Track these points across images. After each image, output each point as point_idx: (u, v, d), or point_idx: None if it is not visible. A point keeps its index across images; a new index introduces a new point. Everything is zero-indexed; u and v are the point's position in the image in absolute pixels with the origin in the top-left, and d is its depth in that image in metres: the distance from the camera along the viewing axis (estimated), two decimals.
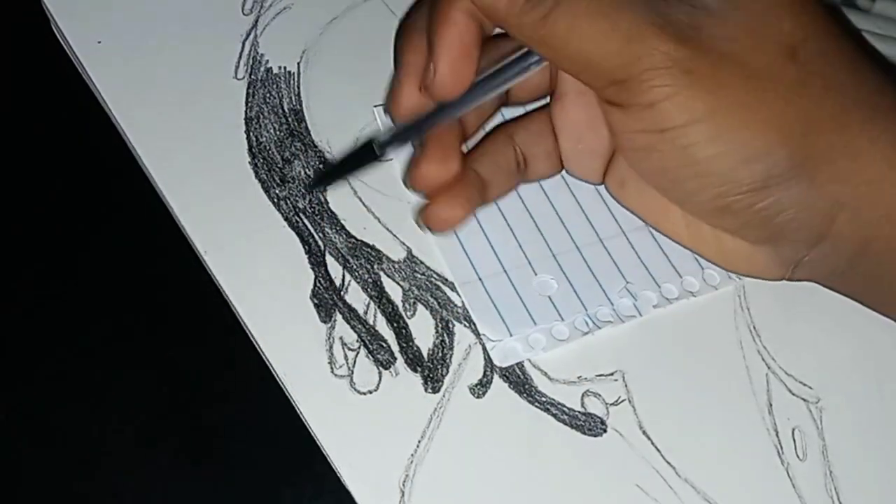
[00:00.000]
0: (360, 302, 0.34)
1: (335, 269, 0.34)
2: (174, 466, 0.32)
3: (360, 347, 0.33)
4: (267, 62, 0.38)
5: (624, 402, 0.34)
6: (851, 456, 0.34)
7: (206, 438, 0.32)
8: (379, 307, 0.34)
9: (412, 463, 0.31)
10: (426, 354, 0.33)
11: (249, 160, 0.36)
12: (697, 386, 0.34)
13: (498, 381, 0.33)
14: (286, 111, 0.37)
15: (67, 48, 0.37)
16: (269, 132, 0.37)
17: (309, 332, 0.33)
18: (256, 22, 0.39)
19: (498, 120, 0.35)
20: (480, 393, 0.33)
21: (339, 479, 0.31)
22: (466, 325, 0.34)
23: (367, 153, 0.32)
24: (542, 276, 0.35)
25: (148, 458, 0.32)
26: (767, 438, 0.34)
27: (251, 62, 0.38)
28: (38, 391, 0.32)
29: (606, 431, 0.33)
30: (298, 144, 0.37)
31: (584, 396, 0.33)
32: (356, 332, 0.33)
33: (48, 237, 0.35)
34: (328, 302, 0.34)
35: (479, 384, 0.33)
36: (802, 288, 0.36)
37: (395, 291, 0.34)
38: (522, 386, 0.33)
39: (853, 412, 0.35)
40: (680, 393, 0.34)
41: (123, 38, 0.37)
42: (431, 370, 0.33)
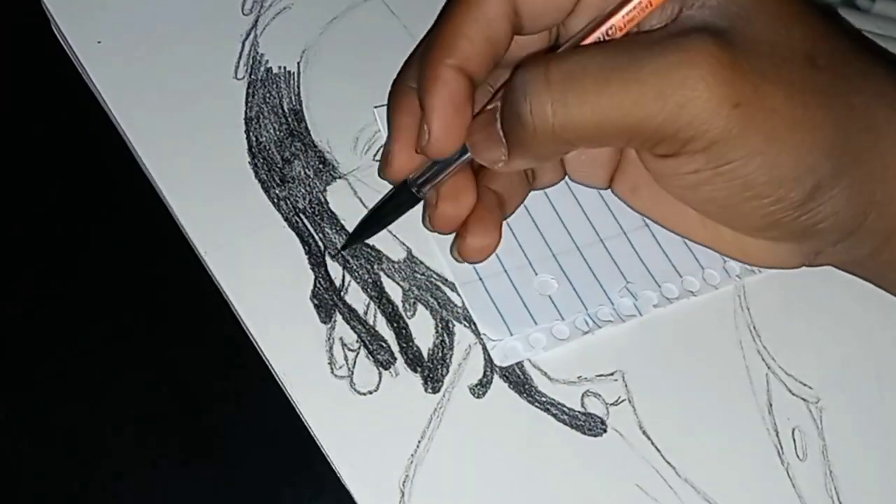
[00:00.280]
0: (360, 302, 0.34)
1: (335, 269, 0.34)
2: (174, 466, 0.32)
3: (360, 348, 0.33)
4: (267, 62, 0.38)
5: (624, 402, 0.34)
6: (851, 456, 0.34)
7: (206, 438, 0.32)
8: (379, 307, 0.34)
9: (412, 463, 0.31)
10: (426, 354, 0.33)
11: (249, 160, 0.36)
12: (697, 386, 0.34)
13: (498, 381, 0.33)
14: (286, 111, 0.37)
15: (67, 48, 0.37)
16: (268, 132, 0.37)
17: (309, 332, 0.33)
18: (256, 22, 0.39)
19: None
20: (480, 393, 0.33)
21: (339, 479, 0.31)
22: (466, 325, 0.34)
23: (405, 196, 0.32)
24: (542, 275, 0.35)
25: (148, 458, 0.32)
26: (767, 438, 0.34)
27: (251, 62, 0.38)
28: (38, 391, 0.32)
29: (606, 431, 0.33)
30: (298, 144, 0.37)
31: (584, 396, 0.33)
32: (356, 332, 0.33)
33: (48, 237, 0.35)
34: (328, 302, 0.34)
35: (479, 384, 0.33)
36: (803, 288, 0.36)
37: (395, 291, 0.34)
38: (522, 386, 0.33)
39: (853, 412, 0.35)
40: (680, 393, 0.34)
41: (123, 38, 0.37)
42: (431, 370, 0.33)
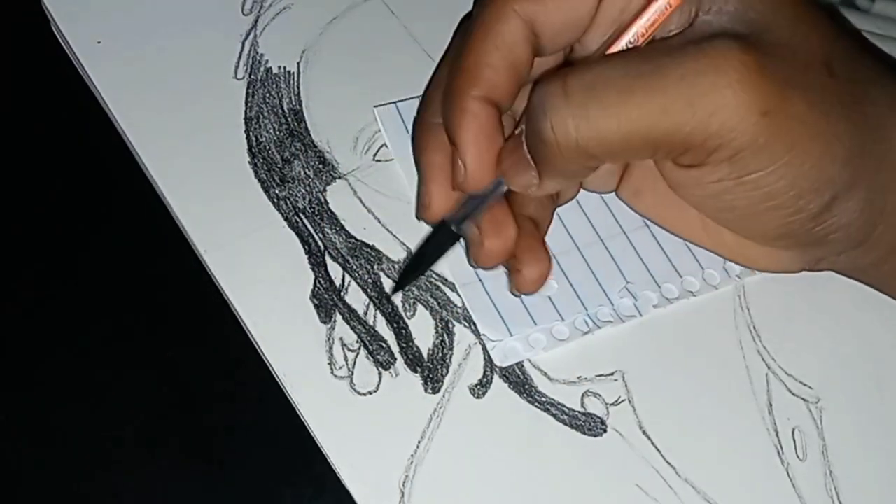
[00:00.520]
0: (359, 302, 0.34)
1: (335, 269, 0.34)
2: (174, 466, 0.32)
3: (360, 348, 0.33)
4: (267, 62, 0.38)
5: (624, 402, 0.34)
6: (851, 456, 0.34)
7: (206, 439, 0.32)
8: (379, 308, 0.34)
9: (412, 463, 0.31)
10: (426, 355, 0.33)
11: (249, 160, 0.36)
12: (697, 386, 0.34)
13: (498, 381, 0.33)
14: (286, 111, 0.37)
15: (67, 48, 0.37)
16: (268, 132, 0.37)
17: (309, 332, 0.33)
18: (256, 22, 0.39)
19: None
20: (480, 393, 0.33)
21: (339, 479, 0.31)
22: (466, 325, 0.34)
23: (445, 235, 0.31)
24: None
25: (148, 458, 0.32)
26: (767, 438, 0.34)
27: (251, 62, 0.38)
28: (38, 391, 0.32)
29: (606, 431, 0.33)
30: (298, 144, 0.37)
31: (584, 396, 0.33)
32: (356, 332, 0.33)
33: (48, 237, 0.35)
34: (328, 302, 0.34)
35: (479, 384, 0.33)
36: (802, 288, 0.36)
37: None
38: (522, 386, 0.33)
39: (853, 412, 0.35)
40: (680, 393, 0.34)
41: (123, 38, 0.37)
42: (431, 370, 0.33)
